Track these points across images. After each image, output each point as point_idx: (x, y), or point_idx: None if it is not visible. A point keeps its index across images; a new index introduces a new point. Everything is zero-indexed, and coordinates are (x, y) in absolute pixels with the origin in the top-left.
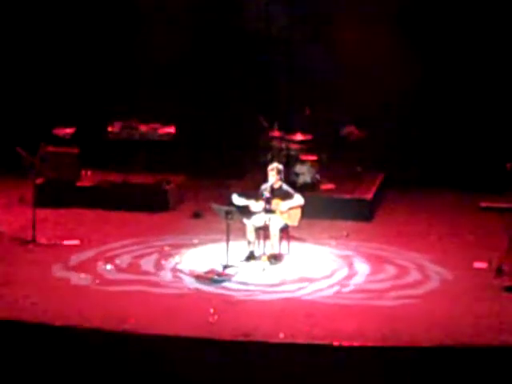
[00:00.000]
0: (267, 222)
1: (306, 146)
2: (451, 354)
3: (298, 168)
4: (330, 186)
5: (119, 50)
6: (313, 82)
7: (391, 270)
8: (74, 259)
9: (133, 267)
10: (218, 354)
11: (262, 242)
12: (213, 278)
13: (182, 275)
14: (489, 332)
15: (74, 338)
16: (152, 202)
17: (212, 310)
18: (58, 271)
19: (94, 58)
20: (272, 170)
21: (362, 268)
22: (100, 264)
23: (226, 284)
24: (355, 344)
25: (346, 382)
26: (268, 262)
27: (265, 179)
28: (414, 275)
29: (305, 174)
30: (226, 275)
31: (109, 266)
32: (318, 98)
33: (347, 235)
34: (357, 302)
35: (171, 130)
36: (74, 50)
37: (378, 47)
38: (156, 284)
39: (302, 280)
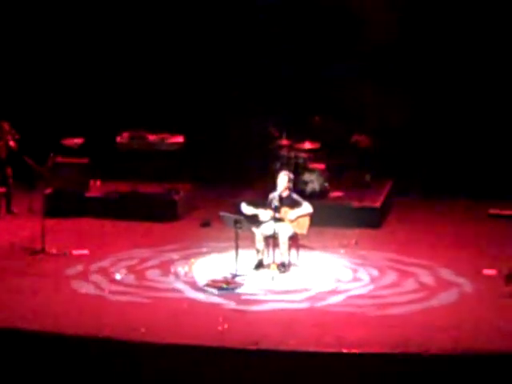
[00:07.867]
0: (276, 231)
1: (315, 155)
2: (461, 361)
3: (307, 176)
4: (338, 193)
5: (126, 61)
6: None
7: (400, 278)
8: (83, 268)
9: (142, 276)
10: (227, 362)
11: (270, 250)
12: (222, 286)
13: (191, 284)
14: (499, 339)
15: (84, 347)
16: (161, 211)
17: (221, 319)
18: (67, 280)
19: (103, 69)
20: (284, 176)
21: (371, 276)
22: (110, 273)
23: (235, 292)
24: (365, 351)
25: None
26: (277, 271)
27: (273, 188)
28: (423, 283)
29: (313, 182)
30: (235, 284)
31: (118, 276)
32: (328, 106)
33: (356, 243)
34: (366, 310)
35: (180, 139)
36: (83, 61)
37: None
38: (166, 293)
39: (310, 288)
